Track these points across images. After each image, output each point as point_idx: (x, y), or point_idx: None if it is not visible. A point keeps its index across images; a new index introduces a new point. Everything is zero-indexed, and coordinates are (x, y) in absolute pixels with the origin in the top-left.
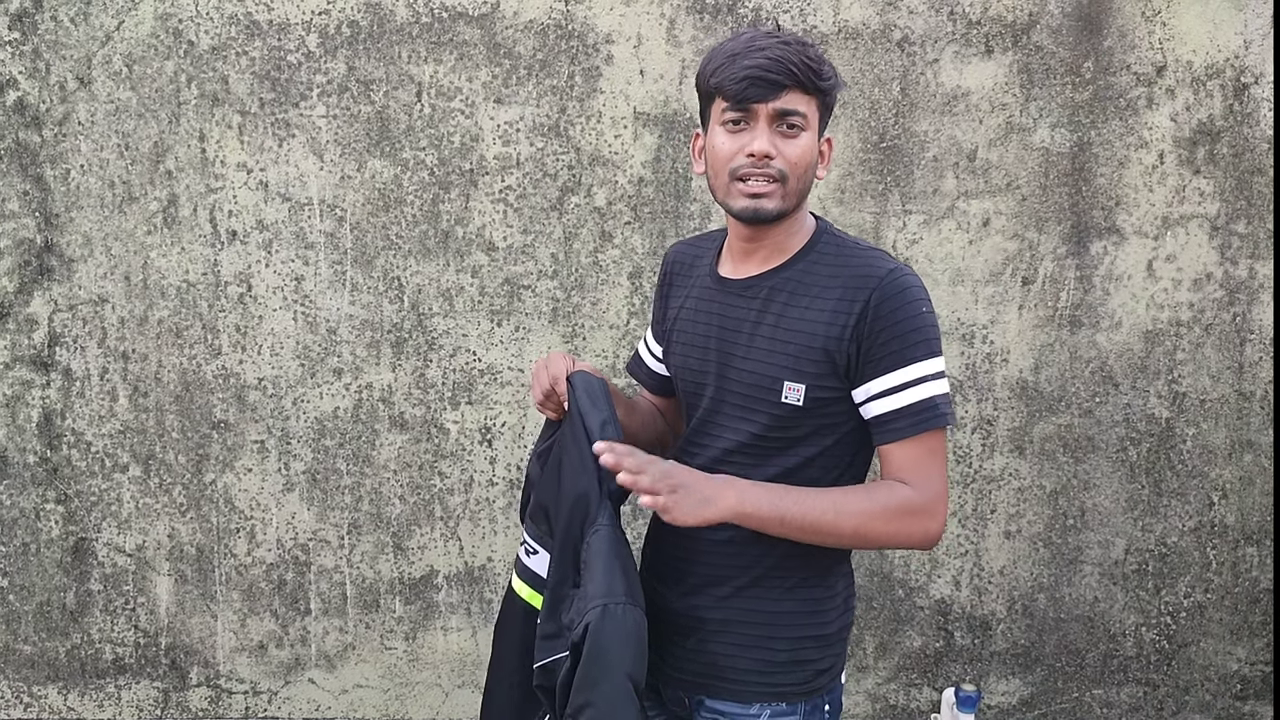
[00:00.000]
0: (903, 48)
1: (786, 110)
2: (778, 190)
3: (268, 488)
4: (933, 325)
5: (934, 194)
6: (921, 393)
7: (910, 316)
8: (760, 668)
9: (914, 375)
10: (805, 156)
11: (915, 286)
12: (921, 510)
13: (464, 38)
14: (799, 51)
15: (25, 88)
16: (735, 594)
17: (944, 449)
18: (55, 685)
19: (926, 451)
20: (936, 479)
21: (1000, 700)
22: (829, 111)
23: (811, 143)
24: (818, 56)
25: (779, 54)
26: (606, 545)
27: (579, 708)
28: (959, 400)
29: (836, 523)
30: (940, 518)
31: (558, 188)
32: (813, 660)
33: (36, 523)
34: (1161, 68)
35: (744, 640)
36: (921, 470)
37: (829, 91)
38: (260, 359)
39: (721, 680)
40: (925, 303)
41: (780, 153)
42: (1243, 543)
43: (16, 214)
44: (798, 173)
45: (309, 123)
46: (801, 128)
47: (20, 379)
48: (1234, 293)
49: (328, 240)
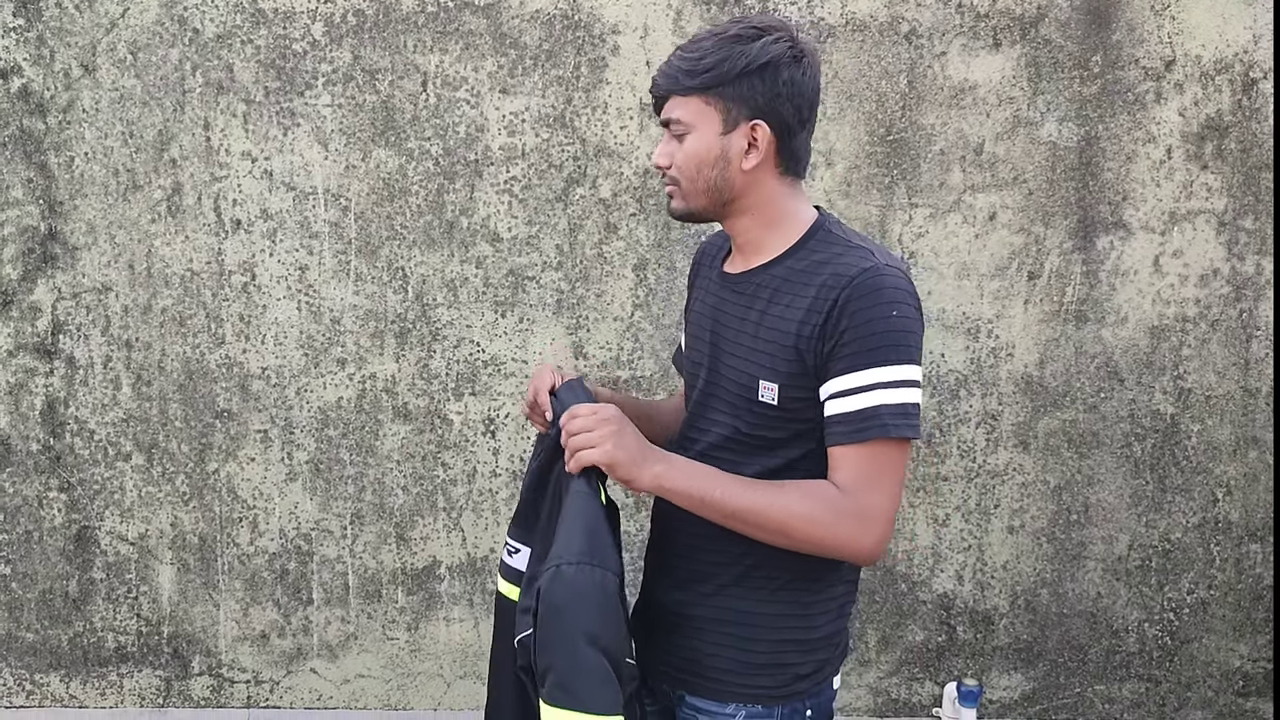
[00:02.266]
0: (910, 40)
1: (666, 119)
2: (676, 192)
3: (271, 477)
4: (903, 330)
5: (940, 187)
6: (871, 399)
7: (877, 318)
8: (737, 668)
9: (868, 380)
10: (690, 159)
11: (891, 288)
12: (851, 516)
13: (470, 27)
14: (678, 56)
15: (30, 75)
16: (718, 591)
17: (894, 461)
18: (58, 673)
19: (869, 460)
20: (876, 491)
21: (1002, 695)
22: (739, 100)
23: (696, 143)
24: (697, 54)
25: (662, 66)
26: (574, 508)
27: (544, 673)
28: (964, 394)
29: (761, 514)
30: (876, 532)
31: (563, 179)
32: (793, 664)
33: (39, 511)
34: (1170, 62)
35: (724, 639)
36: (860, 479)
37: (708, 87)
38: (264, 348)
39: (699, 677)
40: (901, 306)
41: (672, 160)
42: (1246, 539)
43: (20, 201)
44: (687, 174)
45: (314, 112)
46: (684, 132)
47: (24, 367)
48: (1240, 288)
49: (332, 230)
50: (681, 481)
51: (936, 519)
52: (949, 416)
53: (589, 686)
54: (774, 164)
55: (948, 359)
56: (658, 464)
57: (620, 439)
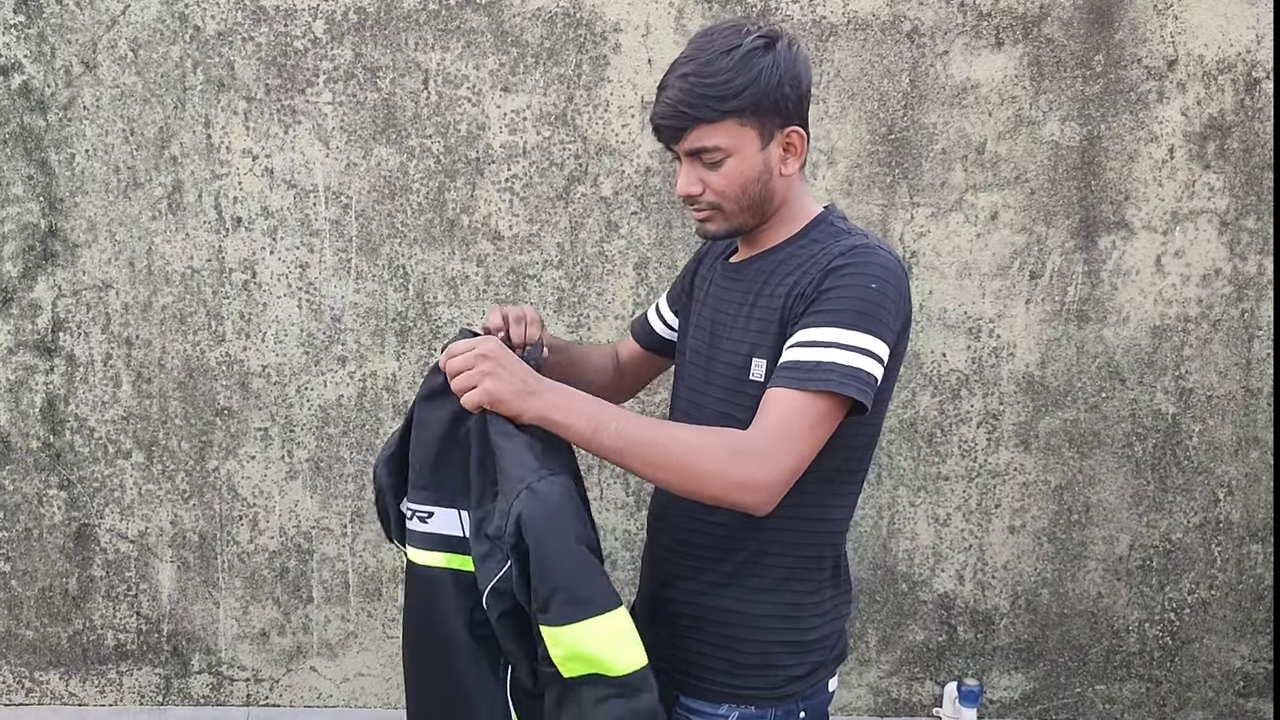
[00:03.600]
0: (912, 39)
1: (696, 149)
2: (717, 215)
3: (271, 475)
4: (877, 303)
5: (942, 187)
6: (826, 355)
7: (855, 284)
8: (728, 668)
9: (829, 338)
10: (734, 182)
11: (878, 265)
12: (751, 456)
13: (471, 25)
14: (695, 84)
15: (30, 72)
16: (707, 590)
17: (822, 419)
18: (57, 671)
19: (799, 409)
20: (790, 440)
21: (1003, 695)
22: (773, 112)
23: (739, 165)
24: (723, 78)
25: (674, 95)
26: (502, 437)
27: (546, 599)
28: (965, 394)
29: (654, 445)
30: (769, 474)
31: (564, 177)
32: (785, 666)
33: (39, 508)
34: (1173, 61)
35: (714, 639)
36: (780, 423)
37: (745, 109)
38: (264, 346)
39: (690, 677)
40: (883, 283)
41: (707, 185)
42: (1248, 539)
43: (21, 198)
44: (731, 196)
45: (315, 109)
46: (721, 158)
47: (24, 364)
48: (1242, 288)
49: (333, 228)
50: (572, 412)
51: (937, 518)
52: (950, 416)
53: (597, 586)
54: (800, 162)
55: (949, 358)
56: (547, 394)
57: (499, 373)
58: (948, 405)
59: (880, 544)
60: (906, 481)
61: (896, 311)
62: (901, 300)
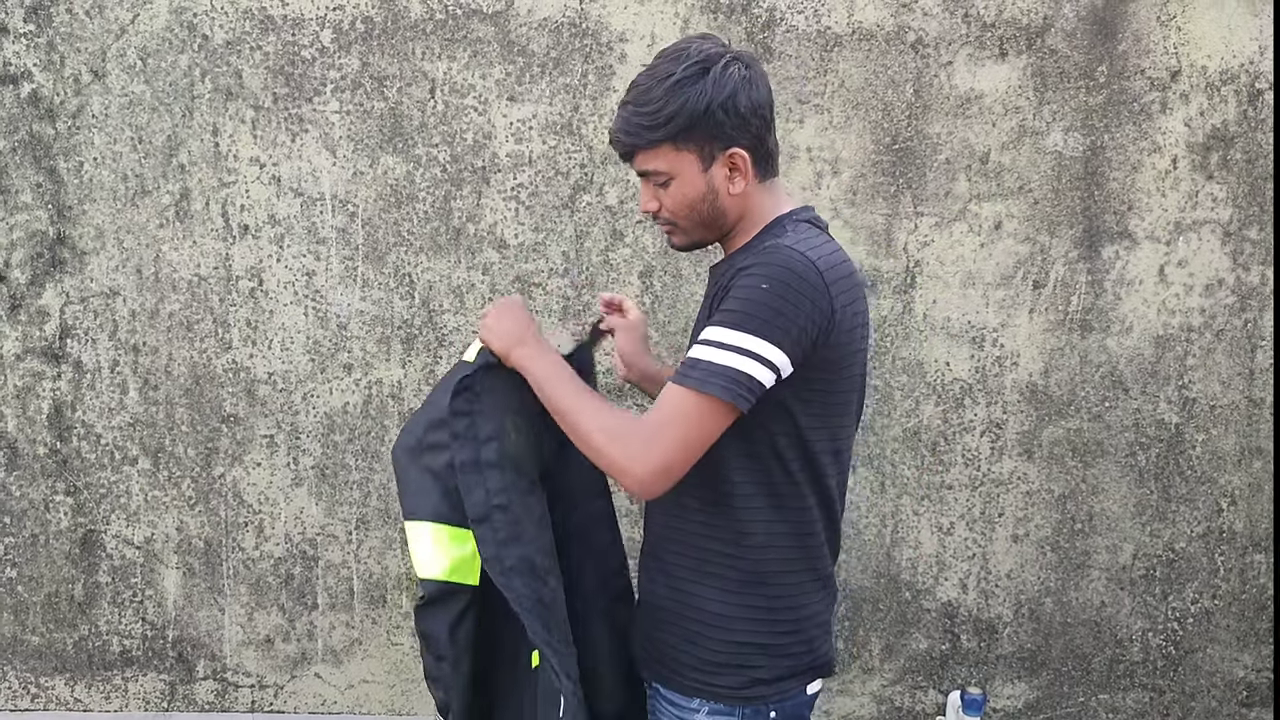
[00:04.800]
0: (916, 50)
1: (643, 171)
2: (676, 230)
3: (276, 482)
4: (762, 303)
5: (946, 196)
6: (702, 352)
7: (743, 286)
8: (697, 664)
9: (710, 335)
10: (680, 203)
11: (776, 264)
12: (632, 440)
13: (478, 35)
14: (632, 113)
15: (40, 80)
16: (680, 584)
17: (694, 414)
18: (62, 676)
19: (674, 403)
20: (665, 431)
21: (1006, 704)
22: (709, 136)
23: (681, 188)
24: (654, 106)
25: (618, 123)
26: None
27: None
28: (968, 403)
29: (573, 414)
30: (645, 466)
31: (570, 186)
32: (754, 667)
33: (45, 514)
34: (1176, 72)
35: (687, 634)
36: (660, 415)
37: (677, 135)
38: (270, 354)
39: (665, 668)
40: (776, 283)
41: (661, 203)
42: (1251, 549)
43: (29, 206)
44: (682, 213)
45: (322, 118)
46: (665, 180)
47: (31, 370)
48: (1246, 299)
49: (339, 236)
50: (538, 370)
51: (941, 527)
52: (953, 425)
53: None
54: (755, 177)
55: (953, 367)
56: (528, 347)
57: (499, 320)
58: (951, 414)
59: (884, 552)
60: (910, 490)
61: (795, 314)
62: (805, 302)
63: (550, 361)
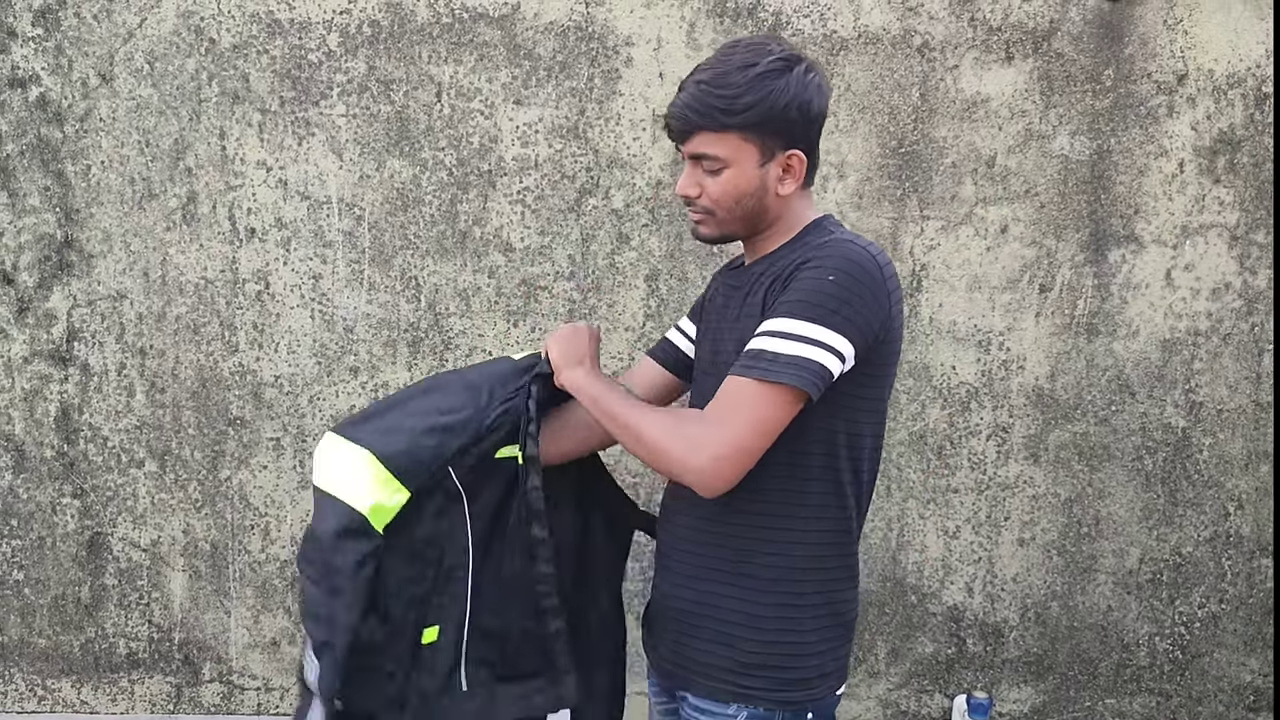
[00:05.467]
0: (923, 53)
1: (697, 154)
2: (709, 220)
3: (282, 485)
4: (832, 295)
5: (952, 200)
6: (766, 343)
7: (815, 278)
8: (732, 666)
9: (778, 327)
10: (728, 193)
11: (842, 257)
12: (691, 436)
13: (484, 39)
14: (706, 92)
15: (48, 84)
16: (709, 587)
17: (761, 403)
18: (69, 679)
19: (737, 393)
20: (727, 422)
21: (1012, 708)
22: (776, 133)
23: (735, 178)
24: (733, 92)
25: (685, 98)
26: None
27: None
28: (974, 406)
29: (626, 417)
30: (704, 457)
31: (575, 189)
32: (790, 668)
33: (52, 517)
34: (1183, 76)
35: (716, 636)
36: (721, 406)
37: (749, 126)
38: (277, 356)
39: (694, 674)
40: (843, 275)
41: (704, 189)
42: (1258, 554)
43: (37, 209)
44: (724, 206)
45: (329, 122)
46: (719, 167)
47: (39, 373)
48: (1252, 302)
49: (346, 239)
50: (591, 388)
51: (947, 531)
52: (960, 429)
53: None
54: (802, 182)
55: (959, 371)
56: (579, 369)
57: (569, 339)
58: (957, 418)
59: (889, 556)
60: (916, 494)
61: (860, 305)
62: (868, 295)
63: (605, 381)
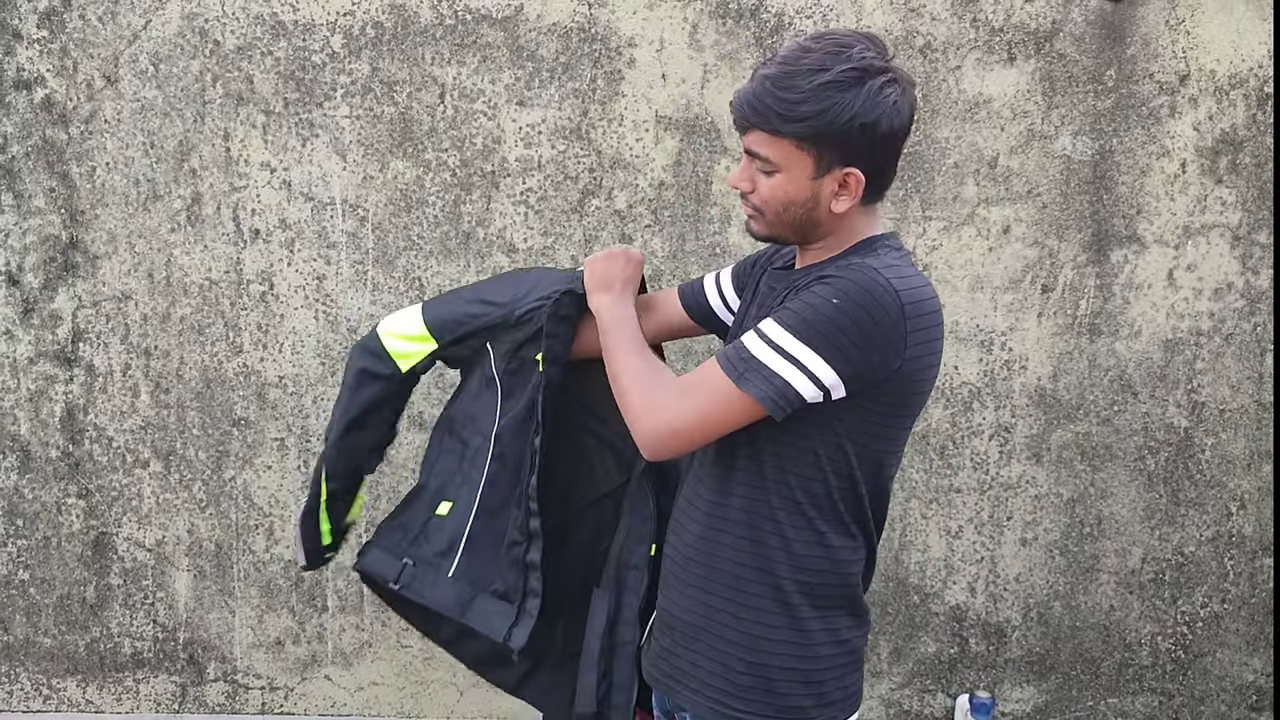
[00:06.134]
0: (925, 54)
1: (751, 150)
2: (759, 218)
3: (287, 485)
4: (829, 320)
5: (954, 201)
6: (754, 345)
7: (819, 295)
8: (725, 685)
9: (766, 330)
10: (777, 197)
11: (853, 284)
12: (652, 398)
13: (487, 40)
14: (768, 91)
15: (53, 85)
16: (707, 602)
17: (719, 395)
18: (74, 678)
19: (703, 376)
20: (685, 398)
21: (1014, 708)
22: (835, 147)
23: (785, 184)
24: (795, 98)
25: (749, 91)
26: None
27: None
28: (977, 407)
29: (618, 362)
30: (655, 415)
31: (578, 190)
32: (783, 694)
33: (58, 517)
34: (1185, 76)
35: (711, 653)
36: (690, 383)
37: (805, 136)
38: (281, 357)
39: (688, 689)
40: (848, 302)
41: (756, 187)
42: (1260, 553)
43: (42, 210)
44: (772, 209)
45: (332, 123)
46: (771, 170)
47: (44, 374)
48: (1255, 302)
49: (350, 240)
50: (608, 316)
51: (949, 531)
52: (962, 429)
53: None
54: (860, 200)
55: (961, 371)
56: (610, 295)
57: (605, 262)
58: (960, 418)
59: (892, 556)
60: (918, 494)
61: (859, 337)
62: (872, 328)
63: (623, 313)
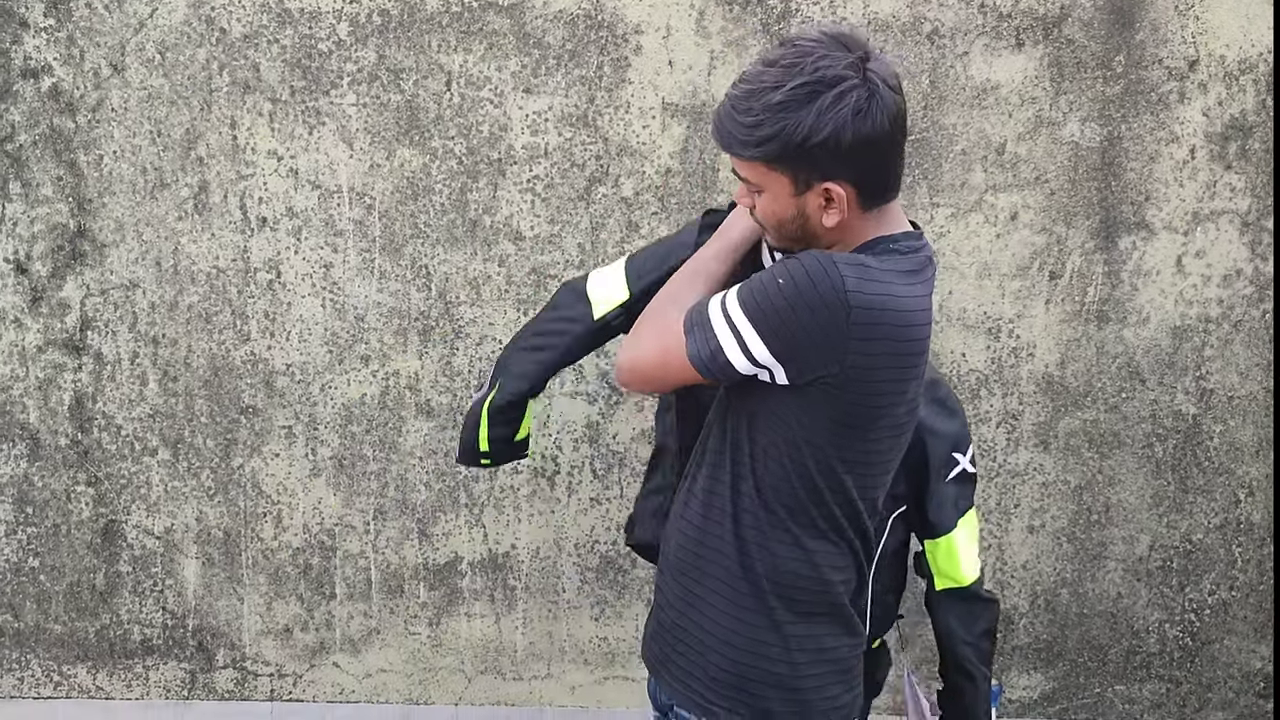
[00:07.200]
0: (932, 40)
1: (734, 171)
2: (769, 231)
3: (295, 473)
4: (770, 297)
5: (962, 187)
6: (710, 308)
7: (770, 272)
8: (702, 676)
9: (730, 292)
10: (770, 215)
11: (804, 269)
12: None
13: (494, 27)
14: (729, 115)
15: (60, 74)
16: (699, 593)
17: (673, 345)
18: (84, 665)
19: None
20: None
21: (1022, 695)
22: (804, 165)
23: (770, 203)
24: (751, 121)
25: (718, 114)
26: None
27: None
28: (984, 394)
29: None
30: (625, 351)
31: (585, 178)
32: (756, 694)
33: (67, 504)
34: (1194, 62)
35: (694, 643)
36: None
37: (771, 158)
38: (289, 345)
39: (672, 676)
40: (790, 285)
41: (755, 204)
42: (1268, 540)
43: (50, 199)
44: (770, 225)
45: (339, 111)
46: (756, 190)
47: (52, 362)
48: (1263, 289)
49: (356, 228)
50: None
51: None
52: (970, 416)
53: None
54: (857, 208)
55: (968, 358)
56: (716, 243)
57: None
58: (967, 405)
59: None
60: None
61: (796, 327)
62: (809, 321)
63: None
